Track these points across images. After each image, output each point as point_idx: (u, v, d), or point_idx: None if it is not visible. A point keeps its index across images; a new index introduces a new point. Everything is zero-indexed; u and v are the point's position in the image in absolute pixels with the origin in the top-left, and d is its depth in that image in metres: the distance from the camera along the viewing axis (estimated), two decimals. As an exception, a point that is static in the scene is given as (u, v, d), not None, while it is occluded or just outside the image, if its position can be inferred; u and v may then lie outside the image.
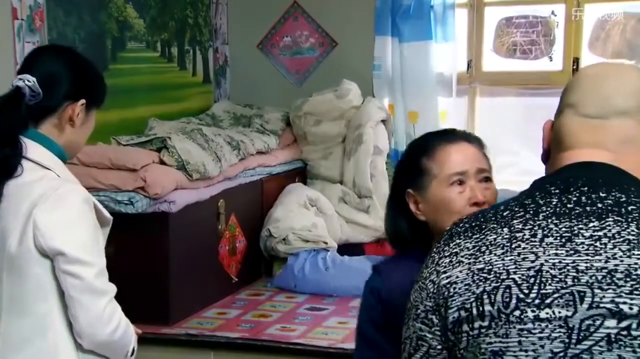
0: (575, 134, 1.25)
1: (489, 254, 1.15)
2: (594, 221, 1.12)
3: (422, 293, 1.21)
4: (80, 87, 1.78)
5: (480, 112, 4.35)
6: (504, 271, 1.12)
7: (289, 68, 4.63)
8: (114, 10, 3.67)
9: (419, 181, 1.60)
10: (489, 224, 1.19)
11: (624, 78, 1.27)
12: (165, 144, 3.24)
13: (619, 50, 4.09)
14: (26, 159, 1.70)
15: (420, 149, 1.64)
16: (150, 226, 2.99)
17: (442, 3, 4.13)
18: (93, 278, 1.65)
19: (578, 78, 1.32)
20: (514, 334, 1.09)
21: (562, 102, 1.31)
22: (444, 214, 1.56)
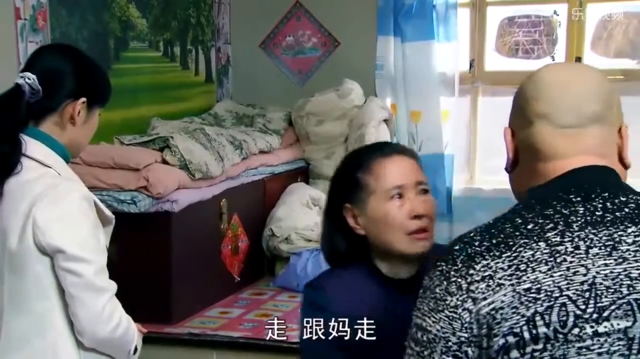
0: (557, 145, 1.23)
1: (532, 272, 1.08)
2: (630, 226, 1.11)
3: (453, 323, 1.11)
4: (82, 86, 1.77)
5: (482, 112, 4.35)
6: (555, 288, 1.07)
7: (291, 68, 4.63)
8: (117, 10, 3.68)
9: (356, 196, 1.58)
10: (516, 239, 1.13)
11: (586, 82, 1.27)
12: (167, 144, 3.24)
13: (622, 49, 4.09)
14: (27, 157, 1.70)
15: (356, 163, 1.62)
16: (153, 226, 2.99)
17: (444, 3, 4.12)
18: (93, 275, 1.65)
19: (541, 86, 1.28)
20: (572, 354, 1.05)
21: (527, 112, 1.27)
22: (384, 228, 1.55)
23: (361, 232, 1.59)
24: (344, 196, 1.60)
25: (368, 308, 1.54)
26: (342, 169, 1.67)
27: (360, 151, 1.69)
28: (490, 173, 4.38)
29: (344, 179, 1.63)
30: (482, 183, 4.34)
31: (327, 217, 1.67)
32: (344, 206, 1.59)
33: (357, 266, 1.60)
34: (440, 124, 4.20)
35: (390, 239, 1.55)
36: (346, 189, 1.60)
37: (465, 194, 4.29)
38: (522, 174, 1.29)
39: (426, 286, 1.18)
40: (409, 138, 4.28)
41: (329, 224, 1.65)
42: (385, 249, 1.58)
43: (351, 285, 1.56)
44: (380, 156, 1.60)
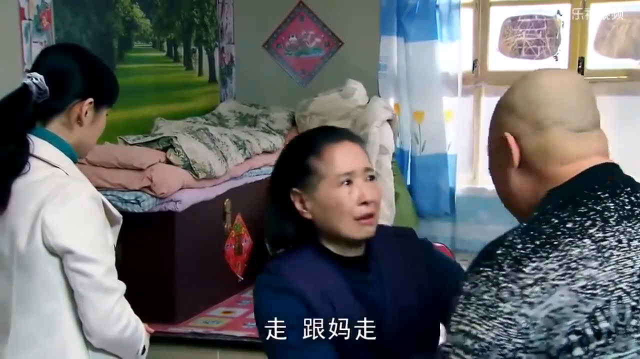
0: (573, 148, 1.27)
1: (585, 268, 1.09)
2: None
3: (509, 329, 1.09)
4: (89, 86, 1.76)
5: (485, 112, 4.34)
6: (609, 282, 1.08)
7: (294, 68, 4.63)
8: (121, 11, 3.68)
9: (305, 180, 1.58)
10: (559, 239, 1.13)
11: (585, 88, 1.33)
12: (171, 144, 3.24)
13: (625, 49, 4.08)
14: (34, 157, 1.69)
15: (306, 148, 1.61)
16: (157, 225, 3.00)
17: (447, 3, 4.12)
18: (102, 275, 1.65)
19: (546, 91, 1.30)
20: (633, 345, 1.06)
21: (537, 117, 1.29)
22: (333, 213, 1.56)
23: (308, 217, 1.59)
24: (291, 180, 1.60)
25: (327, 287, 1.55)
26: (290, 153, 1.66)
27: (310, 136, 1.68)
28: (493, 173, 4.38)
29: (292, 163, 1.62)
30: (484, 183, 4.33)
31: (273, 202, 1.65)
32: (292, 190, 1.59)
33: (305, 248, 1.61)
34: (444, 124, 4.20)
35: (338, 224, 1.57)
36: (294, 174, 1.60)
37: (468, 193, 4.29)
38: (529, 177, 1.31)
39: (469, 292, 1.16)
40: (412, 138, 4.29)
41: (276, 209, 1.63)
42: (332, 233, 1.59)
43: (306, 267, 1.57)
44: (330, 141, 1.60)
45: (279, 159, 1.69)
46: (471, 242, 4.24)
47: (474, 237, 4.24)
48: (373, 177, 1.64)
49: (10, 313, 1.69)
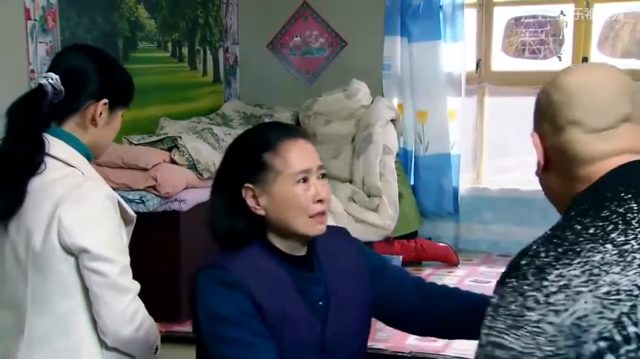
0: (593, 148, 1.26)
1: (607, 274, 1.08)
2: None
3: (537, 338, 1.09)
4: (104, 87, 1.76)
5: (489, 112, 4.34)
6: (633, 286, 1.07)
7: (298, 68, 4.64)
8: (126, 11, 3.69)
9: (260, 176, 1.55)
10: (581, 245, 1.13)
11: (612, 84, 1.30)
12: (176, 144, 3.25)
13: (628, 49, 4.08)
14: (50, 156, 1.69)
15: (261, 143, 1.58)
16: (162, 225, 3.00)
17: (451, 3, 4.12)
18: (117, 275, 1.65)
19: (567, 92, 1.29)
20: None
21: (557, 118, 1.29)
22: (288, 210, 1.54)
23: (261, 213, 1.57)
24: (244, 175, 1.57)
25: (274, 284, 1.54)
26: (243, 148, 1.62)
27: (263, 131, 1.65)
28: (496, 173, 4.38)
29: (245, 158, 1.59)
30: (488, 183, 4.33)
31: (221, 197, 1.61)
32: (245, 185, 1.56)
33: (252, 244, 1.58)
34: (447, 124, 4.20)
35: (293, 221, 1.56)
36: (248, 169, 1.57)
37: (472, 194, 4.28)
38: (556, 178, 1.32)
39: (496, 303, 1.16)
40: (416, 138, 4.29)
41: (226, 204, 1.59)
42: (285, 229, 1.57)
43: (254, 263, 1.55)
44: (287, 138, 1.58)
45: (229, 153, 1.65)
46: (475, 242, 4.24)
47: (477, 237, 4.25)
48: (325, 175, 1.62)
49: (25, 312, 1.70)
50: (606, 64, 1.51)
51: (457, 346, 2.79)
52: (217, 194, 1.63)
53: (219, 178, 1.65)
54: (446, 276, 3.74)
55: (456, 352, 2.73)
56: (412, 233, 4.10)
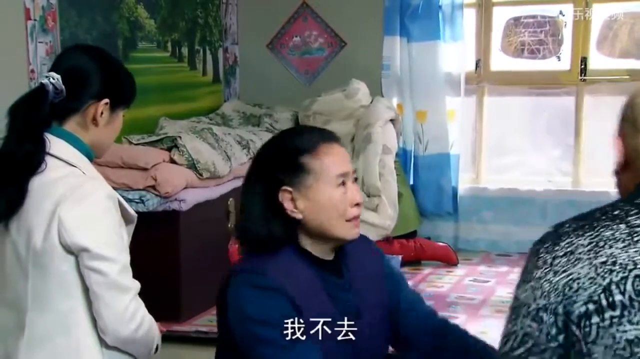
0: None
1: (610, 248, 1.21)
2: None
3: (535, 292, 1.25)
4: (105, 86, 1.75)
5: (488, 112, 4.35)
6: (629, 262, 1.18)
7: (298, 68, 4.64)
8: (126, 11, 3.69)
9: (299, 179, 1.53)
10: (600, 222, 1.26)
11: None
12: (175, 143, 3.25)
13: (627, 49, 4.08)
14: (51, 155, 1.69)
15: (300, 146, 1.56)
16: (161, 225, 3.00)
17: (450, 3, 4.13)
18: (116, 274, 1.64)
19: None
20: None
21: (639, 122, 1.37)
22: (328, 213, 1.53)
23: (298, 217, 1.54)
24: (282, 178, 1.54)
25: (305, 288, 1.52)
26: (282, 151, 1.59)
27: (302, 134, 1.63)
28: (495, 172, 4.39)
29: (284, 161, 1.56)
30: (487, 182, 4.34)
31: (257, 200, 1.57)
32: (282, 188, 1.53)
33: (285, 249, 1.55)
34: (446, 124, 4.20)
35: (331, 225, 1.54)
36: (287, 172, 1.54)
37: (471, 193, 4.29)
38: (631, 175, 1.39)
39: (524, 265, 1.32)
40: (415, 138, 4.29)
41: (264, 208, 1.55)
42: (322, 233, 1.56)
43: (286, 267, 1.53)
44: (324, 142, 1.57)
45: (264, 155, 1.62)
46: (474, 242, 4.25)
47: (476, 236, 4.25)
48: (356, 179, 1.63)
49: (25, 311, 1.69)
50: None
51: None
52: (250, 198, 1.59)
53: (251, 181, 1.61)
54: (445, 276, 3.75)
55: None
56: (411, 233, 4.11)
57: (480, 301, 3.35)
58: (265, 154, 1.62)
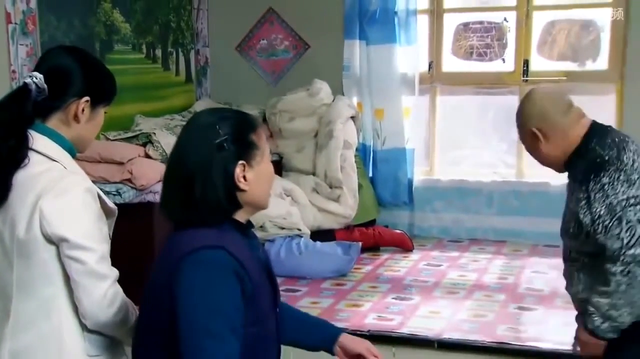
0: None
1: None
2: None
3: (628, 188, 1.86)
4: (86, 85, 1.73)
5: (440, 110, 4.38)
6: None
7: (265, 69, 4.62)
8: (102, 15, 3.63)
9: (251, 155, 1.54)
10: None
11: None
12: (150, 139, 3.22)
13: (564, 53, 4.14)
14: (34, 151, 1.67)
15: (247, 125, 1.57)
16: (137, 216, 2.97)
17: (405, 9, 4.14)
18: (95, 263, 1.63)
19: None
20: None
21: None
22: (266, 184, 1.59)
23: (245, 188, 1.53)
24: (238, 154, 1.53)
25: (247, 255, 1.52)
26: (235, 130, 1.56)
27: (244, 114, 1.64)
28: (447, 165, 4.42)
29: (237, 138, 1.54)
30: (440, 174, 4.37)
31: (212, 174, 1.52)
32: (239, 162, 1.53)
33: (224, 221, 1.54)
34: (402, 121, 4.22)
35: (266, 195, 1.61)
36: (243, 148, 1.54)
37: (425, 184, 4.32)
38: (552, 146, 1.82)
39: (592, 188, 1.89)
40: (374, 134, 4.30)
41: (223, 178, 1.52)
42: (257, 203, 1.59)
43: (236, 240, 1.52)
44: (258, 123, 1.63)
45: (225, 134, 1.55)
46: (428, 229, 4.28)
47: (430, 224, 4.29)
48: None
49: (10, 297, 1.68)
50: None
51: (411, 324, 2.82)
52: (209, 171, 1.52)
53: (206, 154, 1.54)
54: (402, 260, 3.78)
55: (410, 330, 2.76)
56: (370, 221, 4.12)
57: (433, 283, 3.37)
58: (218, 131, 1.54)
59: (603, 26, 4.03)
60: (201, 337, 1.42)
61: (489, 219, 4.15)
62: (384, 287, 3.30)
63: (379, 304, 3.06)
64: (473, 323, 2.79)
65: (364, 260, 3.74)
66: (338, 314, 2.93)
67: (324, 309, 3.00)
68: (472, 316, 2.90)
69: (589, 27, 4.10)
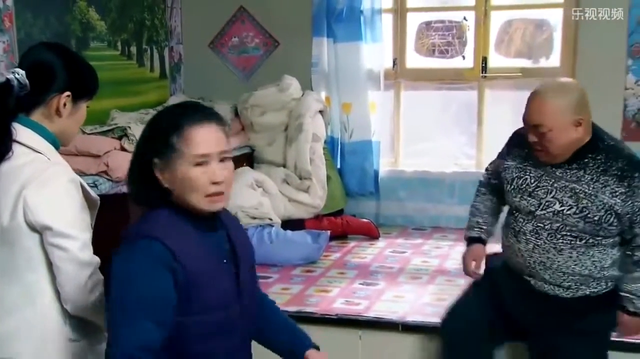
0: None
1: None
2: None
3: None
4: (67, 80, 1.70)
5: (404, 104, 4.40)
6: None
7: (236, 65, 4.59)
8: (78, 13, 3.57)
9: (166, 155, 1.52)
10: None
11: None
12: (125, 133, 3.19)
13: (520, 50, 4.19)
14: (18, 143, 1.65)
15: (171, 126, 1.53)
16: (113, 207, 2.91)
17: (370, 8, 4.15)
18: (77, 250, 1.63)
19: None
20: None
21: None
22: (187, 188, 1.52)
23: (166, 185, 1.54)
24: (154, 152, 1.54)
25: (191, 244, 1.52)
26: (155, 129, 1.57)
27: (175, 114, 1.58)
28: (411, 157, 4.45)
29: (156, 138, 1.55)
30: (404, 166, 4.40)
31: (138, 166, 1.58)
32: (153, 160, 1.53)
33: (166, 207, 1.55)
34: (369, 115, 4.23)
35: (191, 198, 1.53)
36: (157, 148, 1.53)
37: (390, 175, 4.34)
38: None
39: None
40: (341, 127, 4.31)
41: (140, 172, 1.56)
42: (183, 203, 1.56)
43: (182, 231, 1.53)
44: (193, 122, 1.53)
45: (146, 130, 1.60)
46: (393, 218, 4.31)
47: (394, 213, 4.31)
48: (226, 158, 1.58)
49: None
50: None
51: (378, 308, 2.84)
52: (135, 163, 1.59)
53: (137, 151, 1.61)
54: (368, 248, 3.79)
55: (375, 313, 2.78)
56: (338, 211, 4.13)
57: (398, 269, 3.40)
58: (146, 129, 1.60)
59: (555, 25, 4.08)
60: (118, 323, 1.44)
61: (450, 208, 4.18)
62: (351, 273, 3.32)
63: (346, 290, 3.07)
64: (435, 307, 2.82)
65: (333, 248, 3.75)
66: (307, 300, 2.94)
67: (294, 295, 3.01)
68: (434, 300, 2.93)
69: (542, 27, 4.15)
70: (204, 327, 1.52)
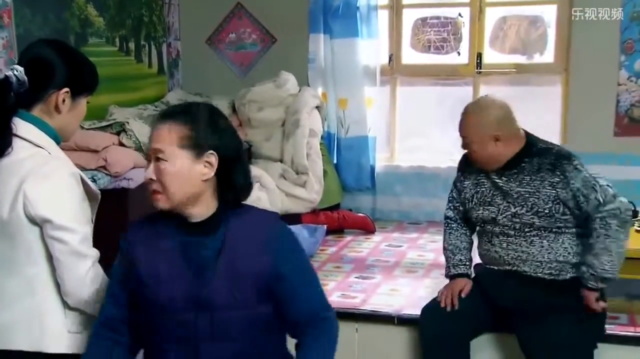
0: None
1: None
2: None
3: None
4: (66, 76, 1.69)
5: (400, 100, 4.40)
6: None
7: (234, 61, 4.58)
8: (76, 9, 3.56)
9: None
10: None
11: None
12: (124, 128, 3.18)
13: (515, 46, 4.19)
14: (19, 137, 1.64)
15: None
16: (111, 201, 2.90)
17: (366, 5, 4.14)
18: (77, 243, 1.62)
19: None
20: None
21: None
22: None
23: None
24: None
25: (158, 247, 1.59)
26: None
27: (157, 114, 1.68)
28: (407, 152, 4.45)
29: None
30: (400, 161, 4.39)
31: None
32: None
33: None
34: (365, 110, 4.23)
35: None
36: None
37: (386, 170, 4.34)
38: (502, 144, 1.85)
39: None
40: (338, 122, 4.30)
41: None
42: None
43: (155, 231, 1.62)
44: (156, 121, 1.61)
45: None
46: (388, 213, 4.31)
47: (390, 208, 4.31)
48: (159, 158, 1.57)
49: None
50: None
51: (373, 302, 2.84)
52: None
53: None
54: (364, 242, 3.79)
55: (371, 307, 2.78)
56: (335, 205, 4.13)
57: (394, 263, 3.40)
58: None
59: (550, 22, 4.08)
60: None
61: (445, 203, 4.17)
62: (347, 267, 3.32)
63: (342, 283, 3.08)
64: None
65: (329, 242, 3.75)
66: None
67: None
68: (430, 293, 2.92)
69: (537, 23, 4.15)
70: (154, 328, 1.58)
